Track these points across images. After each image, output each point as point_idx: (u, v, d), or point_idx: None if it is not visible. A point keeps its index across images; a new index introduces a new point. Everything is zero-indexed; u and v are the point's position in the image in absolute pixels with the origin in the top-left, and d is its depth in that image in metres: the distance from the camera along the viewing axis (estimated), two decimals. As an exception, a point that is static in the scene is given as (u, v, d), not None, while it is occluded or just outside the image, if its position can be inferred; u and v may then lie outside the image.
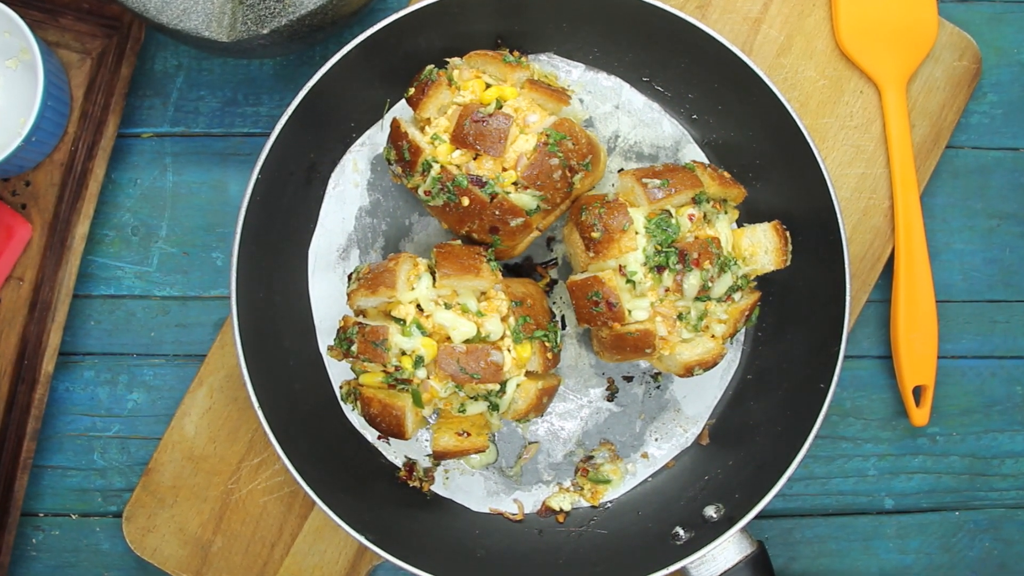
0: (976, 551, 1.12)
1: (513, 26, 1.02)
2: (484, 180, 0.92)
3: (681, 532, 0.98)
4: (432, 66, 0.96)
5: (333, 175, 1.05)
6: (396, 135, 0.95)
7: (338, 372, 1.04)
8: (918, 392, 1.09)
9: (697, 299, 0.89)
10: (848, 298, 0.96)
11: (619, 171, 1.03)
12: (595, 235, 0.89)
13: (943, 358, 1.11)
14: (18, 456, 1.04)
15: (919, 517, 1.12)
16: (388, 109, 1.04)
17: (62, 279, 1.05)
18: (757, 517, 0.94)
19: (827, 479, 1.11)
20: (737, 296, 0.93)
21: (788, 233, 0.93)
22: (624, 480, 1.05)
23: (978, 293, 1.12)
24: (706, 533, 0.96)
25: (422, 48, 1.00)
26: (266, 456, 1.07)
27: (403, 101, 1.02)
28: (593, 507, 1.04)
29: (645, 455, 1.05)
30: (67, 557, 1.10)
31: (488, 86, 0.95)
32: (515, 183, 0.93)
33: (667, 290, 0.88)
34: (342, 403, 1.02)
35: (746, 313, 0.93)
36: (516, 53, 1.00)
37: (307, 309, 1.04)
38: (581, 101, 1.06)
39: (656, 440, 1.06)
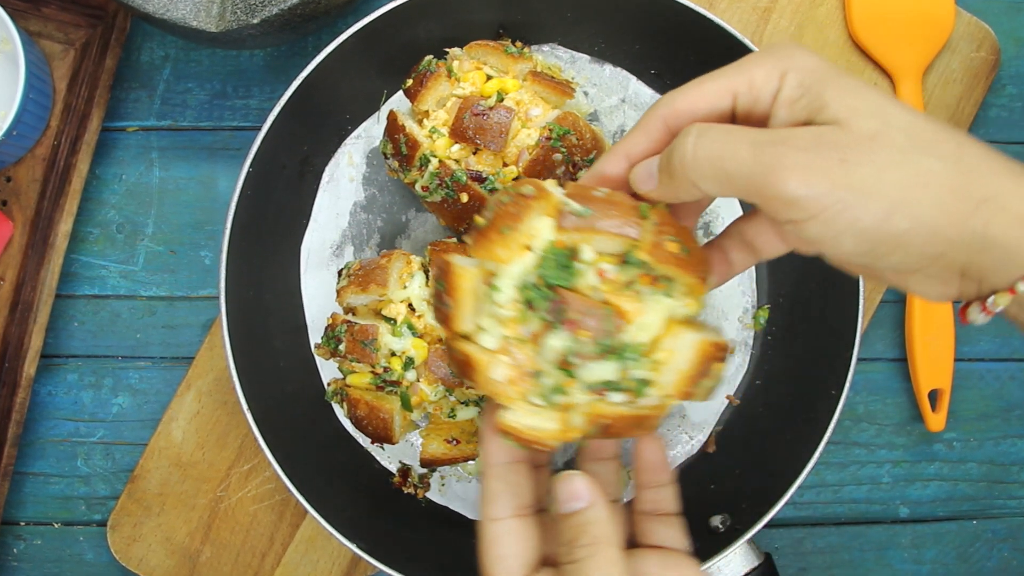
0: (994, 561, 1.10)
1: (515, 16, 1.00)
2: (484, 175, 0.91)
3: (686, 542, 0.96)
4: (431, 56, 0.94)
5: (327, 169, 1.03)
6: (393, 128, 0.93)
7: (331, 374, 1.02)
8: (934, 396, 1.07)
9: (563, 369, 0.63)
10: (861, 299, 0.93)
11: (564, 179, 0.87)
12: (480, 221, 0.67)
13: (960, 361, 1.09)
14: (-1, 463, 1.02)
15: (935, 526, 1.10)
16: (385, 101, 1.02)
17: (44, 279, 1.03)
18: (767, 526, 0.92)
19: (839, 487, 1.09)
20: (646, 400, 0.64)
21: (722, 364, 0.65)
22: (628, 489, 1.02)
23: (996, 293, 1.10)
24: (712, 544, 0.93)
25: (421, 38, 0.97)
26: (256, 463, 1.05)
27: (400, 93, 1.00)
28: (596, 515, 1.01)
29: (649, 462, 1.02)
30: (50, 567, 1.08)
31: (489, 78, 0.93)
32: (516, 179, 0.91)
33: (533, 335, 0.64)
34: (333, 404, 1.01)
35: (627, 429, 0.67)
36: (518, 44, 0.98)
37: (299, 308, 1.02)
38: (586, 94, 1.03)
39: (661, 446, 1.03)
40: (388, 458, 1.03)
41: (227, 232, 0.92)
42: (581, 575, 0.61)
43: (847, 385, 0.93)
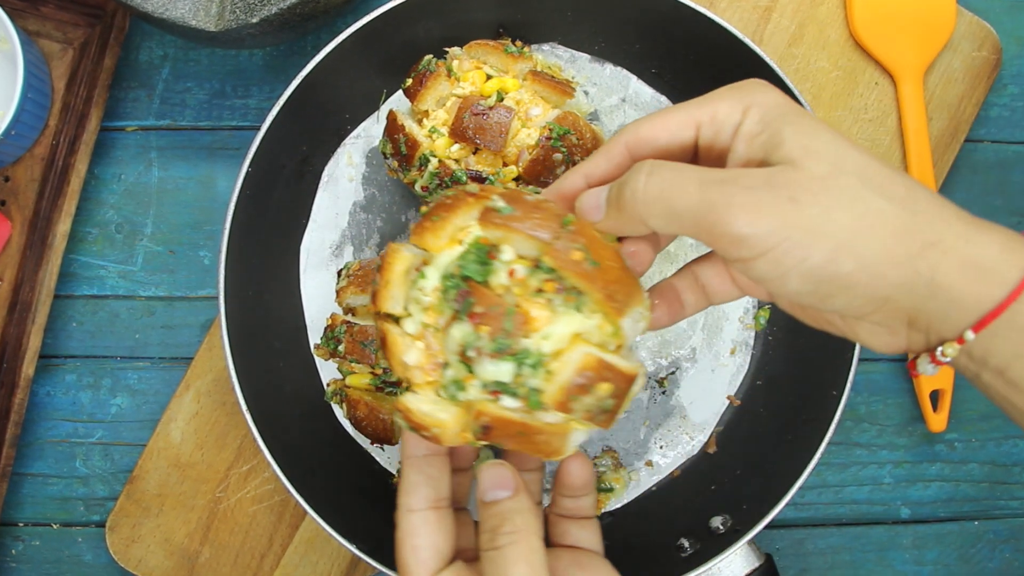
0: (996, 562, 1.09)
1: (515, 15, 0.99)
2: (484, 175, 0.90)
3: (686, 544, 0.96)
4: (430, 56, 0.93)
5: (326, 169, 1.02)
6: (392, 128, 0.93)
7: (330, 375, 1.01)
8: (935, 396, 1.06)
9: (464, 363, 0.64)
10: (864, 298, 0.93)
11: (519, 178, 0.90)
12: (423, 210, 0.69)
13: (962, 361, 1.08)
14: (-3, 464, 1.02)
15: (936, 527, 1.09)
16: (384, 100, 1.02)
17: (43, 279, 1.02)
18: (768, 527, 0.91)
19: (840, 487, 1.09)
20: (545, 416, 0.63)
21: (609, 387, 0.62)
22: (627, 489, 1.02)
23: (998, 293, 1.09)
24: (712, 545, 0.93)
25: (420, 37, 0.97)
26: (255, 463, 1.04)
27: (400, 92, 0.99)
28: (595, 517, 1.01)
29: (649, 463, 1.03)
30: (48, 568, 1.07)
31: (489, 77, 0.93)
32: (516, 178, 0.91)
33: (446, 325, 0.64)
34: (332, 405, 1.00)
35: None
36: (519, 43, 0.98)
37: (298, 309, 1.01)
38: (586, 93, 1.03)
39: (661, 448, 1.03)
40: (388, 459, 1.02)
41: (226, 232, 0.91)
42: (503, 562, 0.62)
43: (848, 385, 0.92)
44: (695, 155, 0.64)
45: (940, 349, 0.57)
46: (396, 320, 0.66)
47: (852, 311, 0.57)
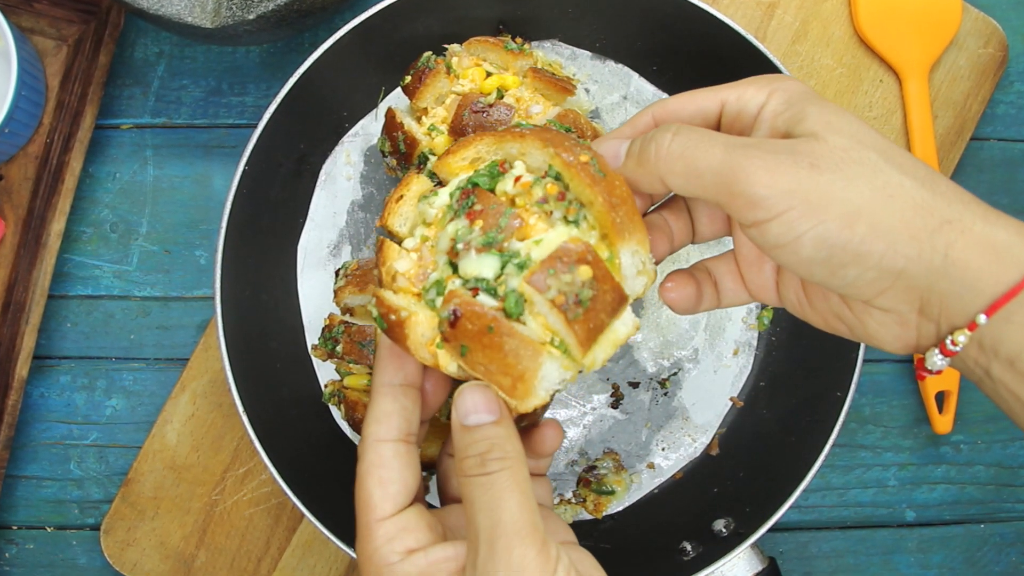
0: (1002, 565, 1.08)
1: (515, 11, 0.99)
2: (483, 174, 0.89)
3: (688, 547, 0.95)
4: (430, 53, 0.93)
5: (324, 167, 1.02)
6: (391, 125, 0.92)
7: (327, 375, 1.01)
8: (941, 398, 1.06)
9: (450, 263, 0.63)
10: (868, 298, 0.92)
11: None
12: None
13: (967, 362, 1.07)
14: (-10, 466, 1.01)
15: (942, 530, 1.08)
16: (383, 98, 1.01)
17: (37, 279, 1.02)
18: (771, 530, 0.91)
19: (845, 490, 1.08)
20: (521, 327, 0.60)
21: (588, 269, 0.59)
22: (629, 491, 1.02)
23: (1004, 293, 1.08)
24: (715, 548, 0.93)
25: (419, 34, 0.96)
26: (252, 466, 1.04)
27: (399, 90, 0.99)
28: (596, 520, 1.01)
29: (651, 465, 1.02)
30: (42, 572, 1.06)
31: (489, 74, 0.92)
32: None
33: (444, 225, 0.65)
34: (330, 406, 1.00)
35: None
36: (519, 40, 0.97)
37: (295, 309, 1.01)
38: (587, 91, 1.03)
39: (663, 450, 1.02)
40: (386, 461, 1.01)
41: (222, 231, 0.91)
42: (496, 489, 0.60)
43: (852, 387, 0.92)
44: (717, 129, 0.65)
45: (951, 337, 0.57)
46: (399, 243, 0.67)
47: (863, 287, 0.57)
